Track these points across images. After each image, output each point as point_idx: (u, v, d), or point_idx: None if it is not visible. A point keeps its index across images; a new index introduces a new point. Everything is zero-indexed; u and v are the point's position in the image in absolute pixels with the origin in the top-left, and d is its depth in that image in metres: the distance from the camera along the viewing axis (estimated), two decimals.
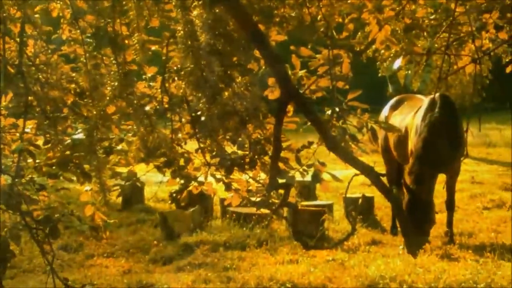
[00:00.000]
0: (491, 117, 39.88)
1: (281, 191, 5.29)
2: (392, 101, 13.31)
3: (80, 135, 4.81)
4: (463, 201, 15.46)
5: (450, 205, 11.78)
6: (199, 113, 4.92)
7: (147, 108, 4.89)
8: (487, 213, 14.37)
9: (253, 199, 5.60)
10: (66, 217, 5.11)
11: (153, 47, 5.20)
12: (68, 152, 4.99)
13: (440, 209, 11.87)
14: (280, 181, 5.15)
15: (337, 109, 5.28)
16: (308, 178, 5.71)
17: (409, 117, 12.04)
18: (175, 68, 5.11)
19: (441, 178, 11.57)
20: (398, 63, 5.99)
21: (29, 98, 5.06)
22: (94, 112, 4.66)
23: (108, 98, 4.64)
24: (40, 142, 5.27)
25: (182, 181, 5.58)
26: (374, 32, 5.47)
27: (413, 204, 10.53)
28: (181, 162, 5.45)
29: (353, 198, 13.11)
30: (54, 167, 5.08)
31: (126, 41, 4.85)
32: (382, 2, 5.46)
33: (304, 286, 8.83)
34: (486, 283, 8.38)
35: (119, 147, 5.31)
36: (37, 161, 5.19)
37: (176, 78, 5.17)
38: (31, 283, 9.31)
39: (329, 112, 5.31)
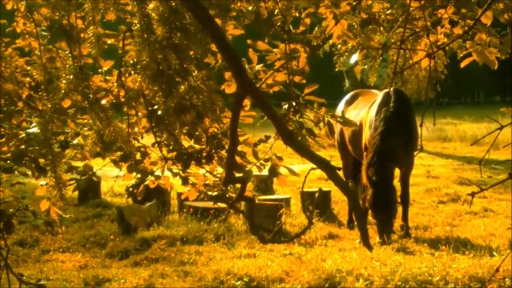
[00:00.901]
0: (446, 112, 40.32)
1: (238, 185, 5.29)
2: (347, 96, 13.44)
3: (35, 129, 4.75)
4: (419, 195, 15.65)
5: (405, 199, 11.91)
6: (155, 107, 4.90)
7: (103, 102, 4.84)
8: (442, 207, 14.56)
9: (210, 193, 5.60)
10: (21, 212, 5.06)
11: (109, 41, 5.17)
12: (23, 146, 4.93)
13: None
14: (237, 175, 5.15)
15: (294, 103, 5.30)
16: (265, 172, 5.73)
17: (363, 112, 12.16)
18: (131, 61, 5.08)
19: (396, 172, 11.69)
20: (355, 58, 6.03)
21: None
22: (49, 106, 4.60)
23: (63, 91, 4.59)
24: None
25: (139, 176, 5.55)
26: (331, 27, 5.49)
27: (377, 196, 10.66)
28: (138, 156, 5.42)
29: (310, 192, 13.21)
30: (8, 161, 5.02)
31: (82, 35, 4.81)
32: None
33: (262, 280, 8.85)
34: (441, 276, 8.47)
35: (75, 141, 5.26)
36: None
37: (132, 72, 5.13)
38: None
39: (286, 106, 5.32)
